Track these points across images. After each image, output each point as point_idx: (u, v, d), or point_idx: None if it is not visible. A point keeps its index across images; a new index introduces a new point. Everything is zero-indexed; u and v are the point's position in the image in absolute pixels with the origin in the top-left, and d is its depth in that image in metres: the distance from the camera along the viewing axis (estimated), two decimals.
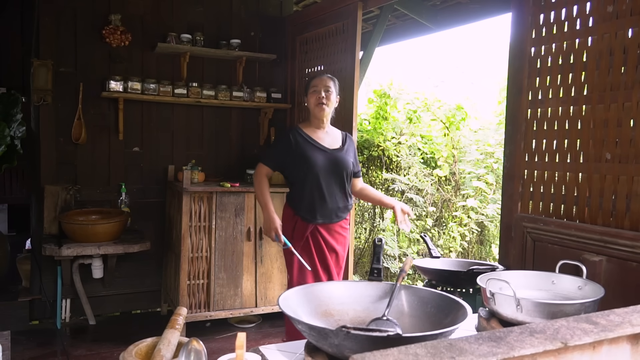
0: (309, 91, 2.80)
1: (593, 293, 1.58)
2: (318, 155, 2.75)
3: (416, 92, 6.01)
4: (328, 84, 2.78)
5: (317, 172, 2.73)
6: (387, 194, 5.55)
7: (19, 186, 5.22)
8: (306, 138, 2.78)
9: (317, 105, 2.76)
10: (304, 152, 2.75)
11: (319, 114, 2.77)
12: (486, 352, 0.75)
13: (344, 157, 2.80)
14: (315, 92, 2.77)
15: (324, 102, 2.75)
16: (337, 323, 1.39)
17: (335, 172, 2.77)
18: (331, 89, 2.78)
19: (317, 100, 2.75)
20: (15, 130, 3.80)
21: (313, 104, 2.78)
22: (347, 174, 2.81)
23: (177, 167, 4.10)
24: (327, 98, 2.76)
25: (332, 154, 2.79)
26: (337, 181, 2.79)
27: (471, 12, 4.51)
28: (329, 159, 2.76)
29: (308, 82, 2.85)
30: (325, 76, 2.82)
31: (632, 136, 1.96)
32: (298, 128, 2.83)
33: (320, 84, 2.77)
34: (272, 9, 4.60)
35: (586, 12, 2.15)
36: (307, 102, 2.83)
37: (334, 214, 2.80)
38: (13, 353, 2.28)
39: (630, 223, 1.95)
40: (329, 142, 2.83)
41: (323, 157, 2.76)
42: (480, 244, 5.23)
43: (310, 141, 2.78)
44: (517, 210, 2.40)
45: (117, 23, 3.93)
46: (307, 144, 2.77)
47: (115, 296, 4.13)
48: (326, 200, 2.76)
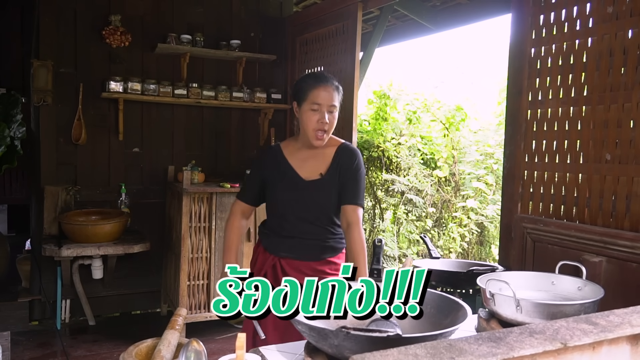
0: (306, 104, 2.02)
1: (593, 294, 1.58)
2: (285, 191, 2.09)
3: (416, 93, 6.02)
4: (334, 100, 2.02)
5: (283, 211, 2.11)
6: (387, 194, 5.55)
7: (19, 187, 5.22)
8: (279, 162, 2.12)
9: (315, 132, 2.02)
10: (268, 185, 2.13)
11: (316, 144, 2.05)
12: (486, 353, 0.75)
13: (320, 193, 2.07)
14: (315, 111, 2.00)
15: (325, 129, 2.02)
16: (336, 323, 1.39)
17: (307, 209, 2.08)
18: (336, 106, 2.04)
19: (317, 126, 2.01)
20: (16, 131, 3.80)
21: (310, 128, 2.02)
22: (324, 211, 2.09)
23: (177, 168, 4.10)
24: (330, 123, 2.02)
25: (306, 188, 2.07)
26: (312, 219, 2.08)
27: (471, 13, 4.51)
28: (299, 195, 2.08)
29: (305, 88, 2.03)
30: (330, 85, 2.02)
31: (632, 137, 1.96)
32: (277, 148, 2.17)
33: (324, 100, 2.00)
34: (272, 10, 4.60)
35: (586, 13, 2.15)
36: (298, 114, 2.07)
37: (307, 251, 2.09)
38: (13, 353, 2.28)
39: (630, 224, 1.95)
40: (310, 168, 2.10)
41: (291, 193, 2.08)
42: (480, 244, 5.23)
43: (282, 168, 2.11)
44: (517, 211, 2.40)
45: (117, 24, 3.93)
46: (276, 173, 2.11)
47: (115, 297, 4.13)
48: (295, 236, 2.09)
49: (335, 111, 2.05)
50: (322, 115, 1.99)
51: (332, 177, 2.07)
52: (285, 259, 2.08)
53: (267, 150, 2.23)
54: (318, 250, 2.09)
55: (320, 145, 2.06)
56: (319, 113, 2.00)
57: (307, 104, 2.01)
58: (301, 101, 2.04)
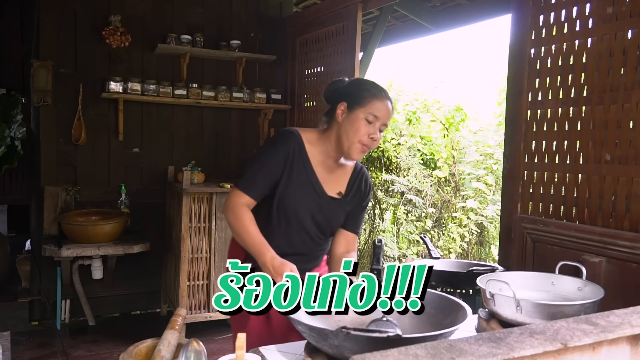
0: (361, 111, 1.74)
1: (593, 294, 1.58)
2: (305, 201, 1.83)
3: (416, 93, 6.03)
4: (389, 119, 1.79)
5: (294, 223, 1.84)
6: (387, 195, 5.55)
7: (19, 187, 5.22)
8: (303, 164, 1.81)
9: (358, 147, 1.76)
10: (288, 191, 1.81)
11: (355, 156, 1.78)
12: (486, 353, 0.75)
13: (337, 211, 1.90)
14: (370, 124, 1.74)
15: (372, 146, 1.78)
16: (337, 324, 1.39)
17: (318, 225, 1.88)
18: (386, 126, 1.81)
19: (366, 140, 1.75)
20: (16, 131, 3.80)
21: (356, 139, 1.74)
22: (332, 230, 1.94)
23: (177, 168, 4.10)
24: (377, 140, 1.78)
25: (324, 204, 1.86)
26: (317, 235, 1.91)
27: (471, 13, 4.51)
28: (316, 210, 1.85)
29: (366, 95, 1.75)
30: (390, 101, 1.78)
31: (632, 137, 1.96)
32: (300, 143, 1.82)
33: (384, 116, 1.75)
34: (272, 10, 4.61)
35: (586, 13, 2.15)
36: (342, 116, 1.77)
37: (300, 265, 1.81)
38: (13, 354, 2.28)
39: (629, 224, 1.95)
40: (332, 183, 1.88)
41: (310, 205, 1.84)
42: (479, 245, 5.24)
43: (305, 172, 1.82)
44: (516, 211, 2.40)
45: (117, 24, 3.94)
46: (295, 174, 1.81)
47: (114, 297, 4.13)
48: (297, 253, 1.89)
49: (383, 132, 1.82)
50: (376, 130, 1.74)
51: (349, 199, 1.91)
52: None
53: (288, 139, 1.81)
54: (308, 264, 1.94)
55: (358, 159, 1.82)
56: (373, 127, 1.74)
57: (363, 111, 1.73)
58: (355, 105, 1.75)
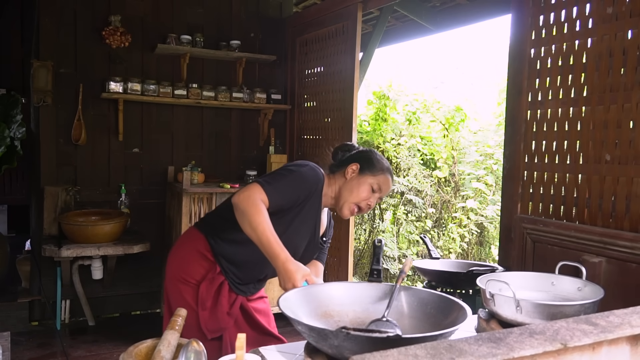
0: (371, 178, 1.84)
1: (593, 294, 1.58)
2: (305, 237, 1.90)
3: (415, 94, 6.03)
4: (386, 194, 1.96)
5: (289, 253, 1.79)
6: (387, 195, 5.56)
7: (19, 187, 5.22)
8: (316, 206, 1.88)
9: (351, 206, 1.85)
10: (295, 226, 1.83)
11: (345, 215, 1.88)
12: (486, 353, 0.75)
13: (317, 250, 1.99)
14: (373, 193, 1.86)
15: (364, 211, 1.93)
16: (336, 324, 1.40)
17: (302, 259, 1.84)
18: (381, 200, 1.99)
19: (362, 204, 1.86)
20: (15, 131, 3.80)
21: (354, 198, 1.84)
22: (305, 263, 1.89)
23: (177, 168, 4.10)
24: (370, 208, 1.93)
25: (314, 243, 1.94)
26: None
27: (470, 14, 4.51)
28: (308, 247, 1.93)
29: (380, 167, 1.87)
30: (392, 182, 1.94)
31: (632, 137, 1.96)
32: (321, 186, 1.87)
33: (385, 190, 1.89)
34: (272, 10, 4.61)
35: (586, 13, 2.15)
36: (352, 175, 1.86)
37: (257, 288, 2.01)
38: (13, 354, 2.28)
39: (629, 224, 1.95)
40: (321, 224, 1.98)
41: (303, 244, 1.91)
42: (479, 245, 5.24)
43: (315, 213, 1.89)
44: (516, 212, 2.40)
45: (117, 24, 3.94)
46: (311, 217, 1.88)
47: (114, 297, 4.13)
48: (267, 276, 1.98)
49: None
50: (375, 200, 1.87)
51: (327, 240, 2.04)
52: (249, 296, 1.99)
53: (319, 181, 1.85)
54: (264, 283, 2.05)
55: (347, 218, 1.93)
56: (374, 196, 1.86)
57: (372, 179, 1.84)
58: (367, 171, 1.85)
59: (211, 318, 1.84)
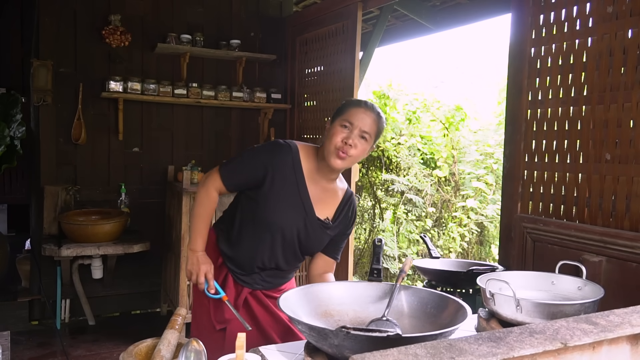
0: (338, 120, 1.74)
1: (593, 293, 1.58)
2: (293, 216, 1.79)
3: (415, 93, 6.03)
4: (368, 127, 1.73)
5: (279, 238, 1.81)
6: (387, 194, 5.56)
7: (18, 186, 5.22)
8: (297, 180, 1.78)
9: (335, 151, 1.72)
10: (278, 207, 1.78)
11: (332, 163, 1.73)
12: (486, 353, 0.75)
13: (321, 235, 1.86)
14: (344, 128, 1.72)
15: (348, 152, 1.71)
16: (336, 323, 1.40)
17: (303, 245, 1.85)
18: (371, 135, 1.74)
19: (340, 145, 1.71)
20: (15, 131, 3.80)
21: (332, 144, 1.72)
22: (313, 252, 1.93)
23: (177, 168, 4.10)
24: (355, 146, 1.72)
25: (311, 224, 1.81)
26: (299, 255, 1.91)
27: (471, 13, 4.51)
28: (302, 228, 1.81)
29: (345, 106, 1.78)
30: (372, 112, 1.74)
31: (632, 137, 1.96)
32: (297, 158, 1.79)
33: (359, 122, 1.71)
34: (272, 10, 4.60)
35: (586, 12, 2.15)
36: (326, 131, 1.78)
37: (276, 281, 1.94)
38: (13, 353, 2.28)
39: (629, 223, 1.95)
40: (322, 206, 1.84)
41: (297, 222, 1.80)
42: (479, 244, 5.24)
43: (297, 189, 1.78)
44: (516, 211, 2.40)
45: (117, 23, 3.94)
46: (291, 193, 1.78)
47: (114, 296, 4.13)
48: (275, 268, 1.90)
49: (368, 142, 1.74)
50: (351, 136, 1.70)
51: (336, 226, 1.89)
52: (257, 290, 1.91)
53: (284, 151, 1.79)
54: (284, 279, 1.97)
55: (337, 166, 1.74)
56: (349, 132, 1.71)
57: (340, 119, 1.74)
58: (335, 117, 1.77)
59: (216, 309, 1.87)
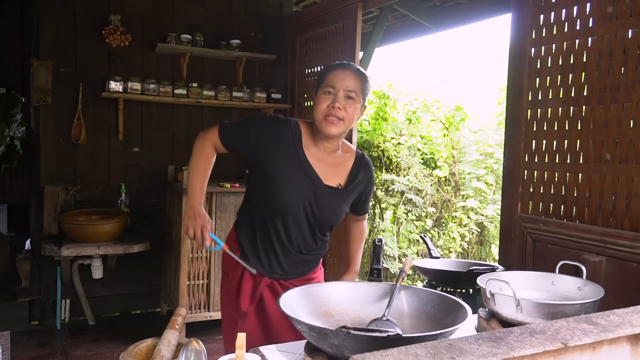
0: (320, 89, 1.74)
1: (593, 293, 1.58)
2: (299, 190, 1.76)
3: (415, 93, 6.03)
4: (352, 85, 1.71)
5: (289, 217, 1.78)
6: (387, 194, 5.55)
7: (18, 186, 5.22)
8: (296, 152, 1.77)
9: (324, 119, 1.71)
10: (279, 178, 1.76)
11: (326, 130, 1.72)
12: (486, 353, 0.75)
13: (335, 201, 1.82)
14: (328, 95, 1.72)
15: (337, 115, 1.70)
16: (337, 323, 1.39)
17: (316, 217, 1.81)
18: (356, 93, 1.73)
19: (327, 111, 1.71)
20: (15, 131, 3.80)
21: (319, 113, 1.72)
22: (332, 223, 1.87)
23: (177, 168, 4.10)
24: (345, 110, 1.71)
25: (326, 194, 1.79)
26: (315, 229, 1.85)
27: (471, 13, 4.51)
28: (315, 200, 1.78)
29: (323, 73, 1.78)
30: (350, 69, 1.74)
31: (632, 137, 1.96)
32: (297, 132, 1.79)
33: (340, 84, 1.70)
34: (272, 10, 4.60)
35: (586, 12, 2.15)
36: (314, 102, 1.77)
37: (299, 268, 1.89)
38: (13, 353, 2.28)
39: (630, 223, 1.95)
40: (329, 174, 1.81)
41: (304, 194, 1.77)
42: (480, 244, 5.23)
43: (300, 164, 1.77)
44: (517, 211, 2.40)
45: (117, 23, 3.94)
46: (292, 165, 1.77)
47: (115, 296, 4.13)
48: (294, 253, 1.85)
49: (356, 100, 1.72)
50: (336, 99, 1.69)
51: (351, 190, 1.85)
52: (278, 280, 1.86)
53: (285, 125, 1.79)
54: (306, 267, 1.92)
55: (332, 132, 1.72)
56: (333, 96, 1.70)
57: (322, 88, 1.73)
58: (317, 88, 1.76)
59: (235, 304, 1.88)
